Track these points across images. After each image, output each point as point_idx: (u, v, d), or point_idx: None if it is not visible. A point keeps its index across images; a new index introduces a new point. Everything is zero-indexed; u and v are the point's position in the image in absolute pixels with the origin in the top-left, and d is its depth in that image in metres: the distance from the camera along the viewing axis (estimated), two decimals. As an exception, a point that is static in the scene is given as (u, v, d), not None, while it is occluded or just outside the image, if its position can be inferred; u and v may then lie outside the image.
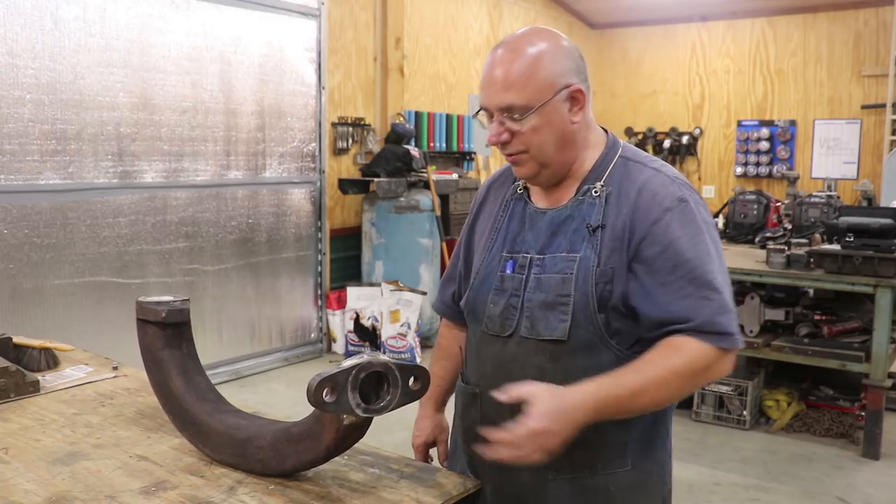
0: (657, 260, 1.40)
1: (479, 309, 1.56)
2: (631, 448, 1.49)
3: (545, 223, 1.51)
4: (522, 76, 1.40)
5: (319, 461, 1.41)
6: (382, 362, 1.34)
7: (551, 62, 1.42)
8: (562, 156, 1.48)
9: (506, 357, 1.52)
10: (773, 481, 3.81)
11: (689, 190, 1.47)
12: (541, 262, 1.48)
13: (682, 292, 1.38)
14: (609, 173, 1.49)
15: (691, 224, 1.42)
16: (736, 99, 8.63)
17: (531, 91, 1.40)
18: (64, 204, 4.35)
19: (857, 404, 4.40)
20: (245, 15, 5.24)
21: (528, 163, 1.47)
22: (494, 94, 1.43)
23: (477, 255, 1.62)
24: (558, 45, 1.44)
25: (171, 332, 1.61)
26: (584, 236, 1.45)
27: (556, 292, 1.45)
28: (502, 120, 1.44)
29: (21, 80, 4.12)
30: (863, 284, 3.95)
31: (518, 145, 1.45)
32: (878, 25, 7.78)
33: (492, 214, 1.62)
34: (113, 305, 4.55)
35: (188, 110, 4.94)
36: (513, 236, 1.55)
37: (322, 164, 5.88)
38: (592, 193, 1.48)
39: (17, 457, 1.52)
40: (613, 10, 8.87)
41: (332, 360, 5.78)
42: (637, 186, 1.45)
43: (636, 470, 1.50)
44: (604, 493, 1.49)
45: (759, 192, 5.43)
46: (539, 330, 1.46)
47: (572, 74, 1.44)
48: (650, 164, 1.50)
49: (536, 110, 1.41)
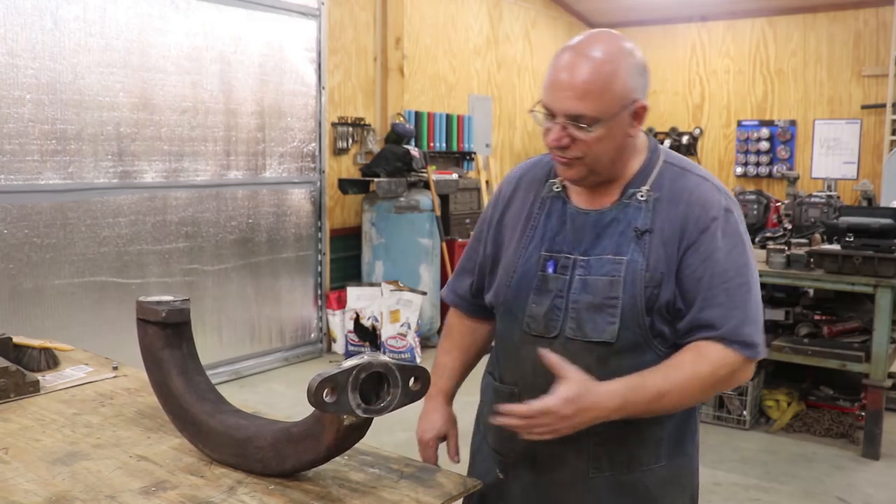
0: (698, 268, 1.44)
1: (518, 308, 1.55)
2: (665, 444, 1.53)
3: (589, 224, 1.51)
4: (598, 88, 1.39)
5: (319, 461, 1.41)
6: (383, 363, 1.34)
7: (627, 77, 1.41)
8: (614, 165, 1.49)
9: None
10: (773, 481, 3.81)
11: (730, 199, 1.51)
12: (585, 264, 1.49)
13: (714, 300, 1.43)
14: (654, 178, 1.50)
15: (733, 235, 1.46)
16: (736, 99, 8.63)
17: (604, 104, 1.40)
18: (64, 204, 4.35)
19: (857, 404, 4.40)
20: (245, 15, 5.24)
21: (579, 168, 1.47)
22: (565, 100, 1.40)
23: (510, 252, 1.59)
24: (633, 60, 1.44)
25: (171, 332, 1.61)
26: (632, 239, 1.46)
27: (603, 294, 1.46)
28: (566, 125, 1.42)
29: (21, 80, 4.12)
30: (863, 284, 3.95)
31: (576, 151, 1.45)
32: (878, 25, 7.78)
33: (524, 210, 1.60)
34: (113, 305, 4.55)
35: (188, 110, 4.94)
36: (552, 235, 1.54)
37: (322, 164, 5.88)
38: (638, 197, 1.49)
39: (17, 457, 1.52)
40: (613, 10, 8.88)
41: (332, 360, 5.78)
42: (687, 193, 1.47)
43: (669, 466, 1.54)
44: (641, 489, 1.52)
45: (759, 192, 5.43)
46: (586, 331, 1.47)
47: (640, 90, 1.45)
48: (695, 170, 1.53)
49: (604, 122, 1.41)
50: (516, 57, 8.21)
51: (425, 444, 1.73)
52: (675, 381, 1.40)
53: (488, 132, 7.87)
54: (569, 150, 1.45)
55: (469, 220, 6.89)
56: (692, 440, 1.60)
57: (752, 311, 1.44)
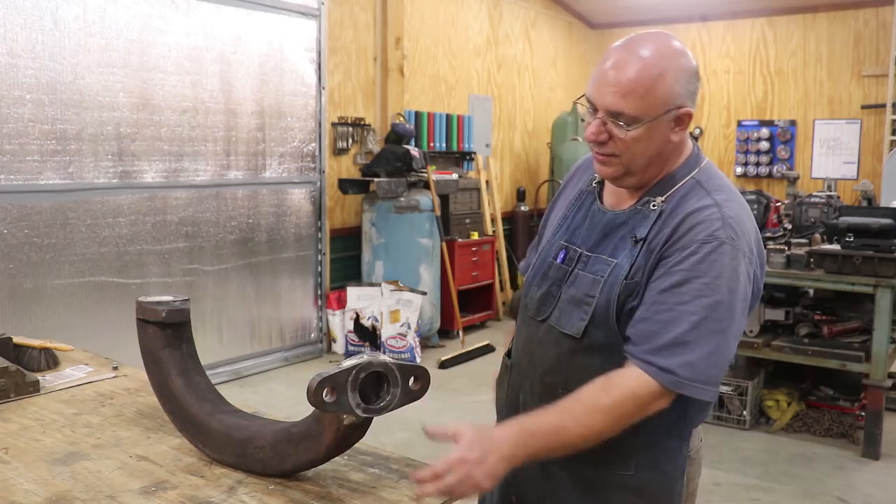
0: (657, 280, 1.41)
1: (528, 289, 1.64)
2: (637, 455, 1.49)
3: (602, 223, 1.54)
4: (641, 88, 1.38)
5: (319, 461, 1.41)
6: (382, 362, 1.34)
7: (673, 81, 1.40)
8: (649, 169, 1.48)
9: (534, 340, 1.59)
10: (773, 481, 3.81)
11: (736, 234, 1.40)
12: (586, 260, 1.53)
13: (655, 316, 1.38)
14: (673, 191, 1.47)
15: (713, 265, 1.37)
16: (736, 99, 8.63)
17: (646, 105, 1.39)
18: (64, 204, 4.35)
19: (857, 404, 4.40)
20: (245, 15, 5.24)
21: (615, 166, 1.47)
22: (608, 95, 1.40)
23: (546, 237, 1.67)
24: (683, 65, 1.42)
25: (171, 332, 1.61)
26: (628, 245, 1.47)
27: (584, 291, 1.50)
28: (606, 121, 1.42)
29: (21, 80, 4.12)
30: (863, 284, 3.95)
31: (613, 148, 1.44)
32: (878, 25, 7.78)
33: (569, 198, 1.66)
34: (113, 305, 4.55)
35: (188, 110, 4.94)
36: (574, 227, 1.59)
37: (322, 164, 5.88)
38: (651, 206, 1.47)
39: (17, 457, 1.52)
40: (613, 10, 8.87)
41: (332, 360, 5.78)
42: (688, 212, 1.42)
43: (639, 477, 1.50)
44: (602, 492, 1.52)
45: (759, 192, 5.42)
46: (563, 322, 1.52)
47: (688, 97, 1.43)
48: (715, 193, 1.45)
49: (644, 123, 1.40)
50: (516, 57, 8.21)
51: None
52: (574, 415, 1.36)
53: (488, 132, 7.87)
54: (606, 147, 1.45)
55: (469, 219, 6.89)
56: (673, 457, 1.53)
57: (697, 343, 1.35)
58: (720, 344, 1.37)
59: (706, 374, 1.36)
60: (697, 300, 1.36)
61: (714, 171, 1.53)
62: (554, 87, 8.83)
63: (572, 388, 1.43)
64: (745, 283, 1.41)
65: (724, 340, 1.37)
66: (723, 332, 1.37)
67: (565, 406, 1.37)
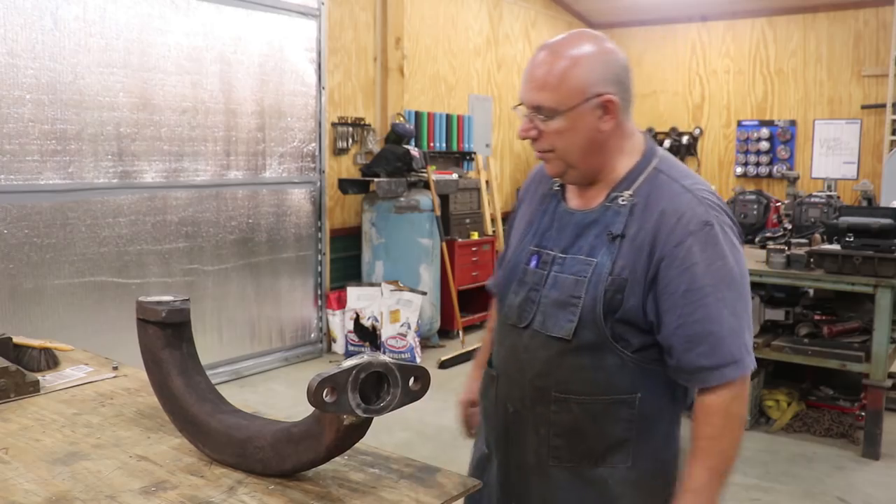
0: (672, 282, 1.44)
1: (503, 297, 1.64)
2: (633, 445, 1.53)
3: (572, 224, 1.56)
4: (554, 79, 1.44)
5: (319, 461, 1.41)
6: (382, 362, 1.34)
7: (588, 70, 1.44)
8: (588, 160, 1.50)
9: (519, 347, 1.59)
10: (773, 481, 3.81)
11: (716, 211, 1.47)
12: (562, 262, 1.54)
13: (689, 318, 1.43)
14: (639, 184, 1.50)
15: (713, 248, 1.43)
16: (736, 99, 8.63)
17: (561, 95, 1.44)
18: (64, 204, 4.35)
19: (857, 404, 4.40)
20: (245, 15, 5.24)
21: (554, 161, 1.52)
22: (528, 92, 1.47)
23: (513, 245, 1.69)
24: (599, 54, 1.46)
25: (171, 332, 1.61)
26: (605, 243, 1.49)
27: (568, 292, 1.50)
28: (531, 117, 1.49)
29: (21, 80, 4.12)
30: (863, 284, 3.95)
31: (544, 144, 1.50)
32: (878, 25, 7.78)
33: (531, 207, 1.68)
34: (113, 305, 4.55)
35: (188, 110, 4.94)
36: (542, 232, 1.61)
37: (322, 164, 5.88)
38: (619, 202, 1.50)
39: (17, 457, 1.52)
40: (613, 10, 8.87)
41: (332, 360, 5.78)
42: (664, 203, 1.46)
43: (637, 468, 1.53)
44: (601, 486, 1.54)
45: (759, 192, 5.43)
46: (549, 326, 1.52)
47: (607, 84, 1.45)
48: (682, 179, 1.51)
49: (562, 114, 1.45)
50: (516, 57, 8.21)
51: (459, 405, 1.90)
52: (714, 449, 1.46)
53: (488, 132, 7.87)
54: (538, 143, 1.51)
55: (469, 219, 6.89)
56: (668, 447, 1.58)
57: (729, 323, 1.43)
58: (747, 312, 1.47)
59: (749, 345, 1.46)
60: (719, 287, 1.42)
61: (672, 159, 1.58)
62: (554, 87, 8.82)
63: (564, 391, 1.51)
64: (740, 250, 1.49)
65: (747, 307, 1.47)
66: (746, 303, 1.46)
67: (700, 452, 1.46)
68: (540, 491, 1.59)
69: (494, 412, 1.67)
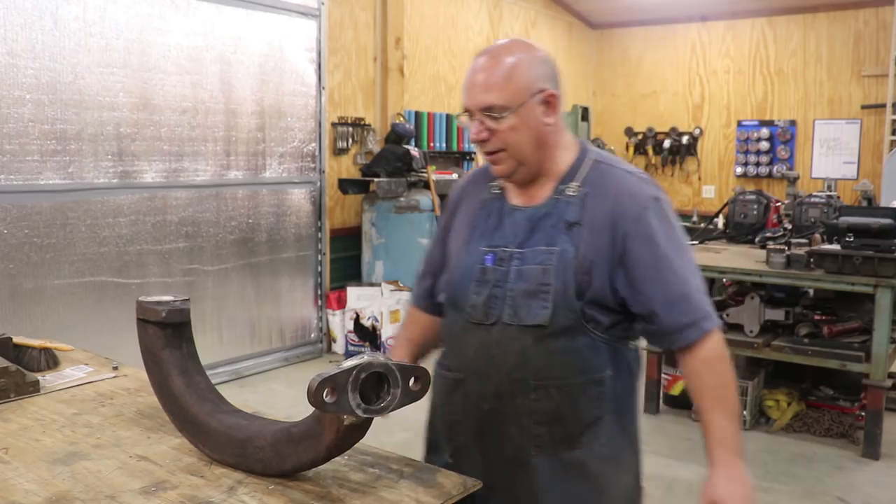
0: (641, 254, 1.56)
1: (461, 298, 1.66)
2: (604, 423, 1.62)
3: (524, 219, 1.64)
4: (501, 79, 1.54)
5: (319, 461, 1.41)
6: (383, 363, 1.34)
7: (528, 68, 1.56)
8: (537, 154, 1.60)
9: (489, 343, 1.62)
10: (773, 481, 3.81)
11: (657, 188, 1.64)
12: (521, 255, 1.61)
13: (663, 282, 1.56)
14: (584, 175, 1.62)
15: (665, 220, 1.60)
16: (736, 99, 8.63)
17: (509, 93, 1.54)
18: (64, 204, 4.35)
19: (857, 404, 4.40)
20: (245, 15, 5.24)
21: (506, 160, 1.60)
22: (476, 95, 1.56)
23: (456, 250, 1.73)
24: (534, 55, 1.59)
25: (171, 332, 1.61)
26: (562, 231, 1.59)
27: (537, 282, 1.57)
28: (483, 119, 1.56)
29: (21, 80, 4.12)
30: (863, 284, 3.95)
31: (497, 143, 1.58)
32: (878, 25, 7.77)
33: (469, 214, 1.74)
34: (113, 305, 4.55)
35: (188, 110, 4.94)
36: (490, 231, 1.67)
37: (322, 164, 5.88)
38: (568, 193, 1.61)
39: (17, 457, 1.52)
40: (613, 10, 8.87)
41: (332, 360, 5.78)
42: (614, 187, 1.60)
43: (610, 445, 1.63)
44: (581, 468, 1.61)
45: (759, 192, 5.42)
46: (521, 316, 1.58)
47: (546, 80, 1.58)
48: (620, 166, 1.66)
49: (514, 111, 1.54)
50: (516, 57, 8.20)
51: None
52: (724, 396, 1.56)
53: (488, 132, 7.86)
54: (490, 143, 1.58)
55: (469, 220, 6.88)
56: (633, 420, 1.70)
57: (696, 283, 1.59)
58: (697, 268, 1.64)
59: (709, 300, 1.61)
60: (679, 250, 1.59)
61: (603, 151, 1.72)
62: (554, 87, 8.82)
63: (543, 377, 1.58)
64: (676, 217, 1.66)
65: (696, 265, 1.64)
66: (696, 266, 1.63)
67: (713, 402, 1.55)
68: (524, 482, 1.62)
69: (465, 414, 1.67)
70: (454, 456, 1.70)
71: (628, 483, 1.70)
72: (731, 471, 1.52)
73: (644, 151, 9.08)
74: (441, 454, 1.74)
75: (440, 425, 1.76)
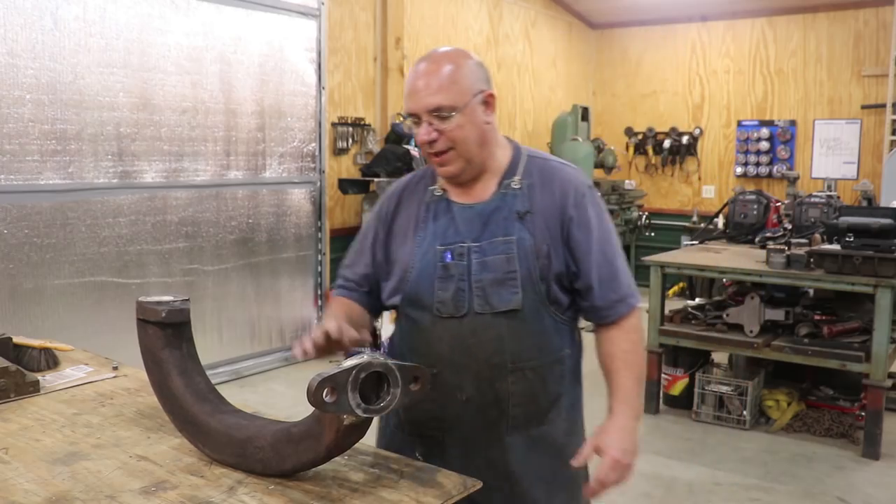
0: (580, 237, 1.71)
1: (425, 297, 1.73)
2: (564, 399, 1.79)
3: (474, 215, 1.73)
4: (447, 81, 1.64)
5: (319, 461, 1.41)
6: (382, 363, 1.34)
7: (468, 71, 1.67)
8: (482, 152, 1.71)
9: (464, 333, 1.70)
10: (773, 481, 3.81)
11: (587, 177, 1.83)
12: (479, 249, 1.70)
13: (598, 263, 1.72)
14: (524, 169, 1.76)
15: (598, 207, 1.77)
16: (736, 99, 8.62)
17: (455, 94, 1.63)
18: (64, 204, 4.35)
19: (857, 404, 4.40)
20: (245, 15, 5.23)
21: (454, 160, 1.69)
22: (424, 98, 1.64)
23: (404, 254, 1.78)
24: (470, 60, 1.70)
25: (171, 332, 1.61)
26: (515, 221, 1.70)
27: (503, 270, 1.68)
28: (431, 121, 1.65)
29: (21, 80, 4.12)
30: (863, 284, 3.95)
31: (446, 142, 1.66)
32: (878, 25, 7.77)
33: (411, 218, 1.80)
34: (113, 305, 4.55)
35: (188, 110, 4.94)
36: (442, 231, 1.74)
37: (322, 164, 5.88)
38: (513, 186, 1.73)
39: (17, 457, 1.52)
40: (613, 10, 8.87)
41: (332, 360, 5.76)
42: (557, 178, 1.75)
43: (568, 418, 1.80)
44: (550, 441, 1.77)
45: (759, 192, 5.42)
46: (494, 304, 1.68)
47: (484, 82, 1.69)
48: (553, 159, 1.83)
49: (460, 110, 1.64)
50: (516, 57, 8.21)
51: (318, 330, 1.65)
52: (634, 362, 1.74)
53: (488, 132, 7.86)
54: (438, 143, 1.66)
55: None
56: (581, 394, 1.88)
57: (623, 264, 1.77)
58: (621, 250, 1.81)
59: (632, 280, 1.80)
60: (609, 235, 1.75)
61: (534, 148, 1.88)
62: (554, 87, 8.83)
63: (518, 359, 1.69)
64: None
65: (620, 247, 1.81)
66: (618, 242, 1.79)
67: (623, 364, 1.71)
68: (500, 461, 1.73)
69: (440, 408, 1.73)
70: (424, 453, 1.74)
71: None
72: (624, 425, 1.65)
73: (644, 151, 9.08)
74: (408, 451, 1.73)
75: (407, 425, 1.80)
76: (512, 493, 1.74)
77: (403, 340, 1.82)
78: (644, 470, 3.93)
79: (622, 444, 1.63)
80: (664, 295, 4.71)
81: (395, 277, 1.79)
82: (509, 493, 1.74)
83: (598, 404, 1.83)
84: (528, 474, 1.74)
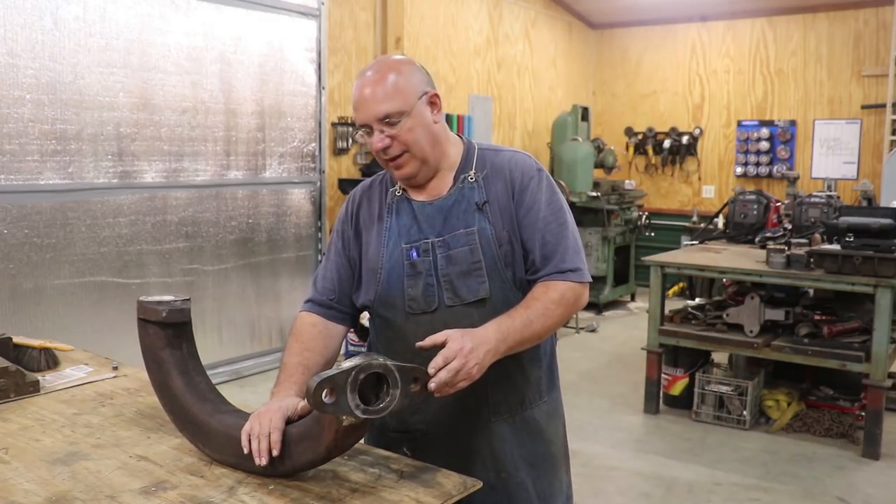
0: (528, 215, 1.75)
1: (396, 295, 1.77)
2: (543, 382, 1.84)
3: (435, 212, 1.78)
4: (391, 88, 1.68)
5: (319, 462, 1.42)
6: (382, 364, 1.34)
7: (409, 75, 1.72)
8: (434, 150, 1.75)
9: (436, 327, 1.67)
10: (773, 481, 3.81)
11: (539, 163, 1.86)
12: (443, 243, 1.74)
13: (544, 240, 1.74)
14: (476, 162, 1.81)
15: (549, 187, 1.80)
16: (736, 99, 8.62)
17: (401, 99, 1.68)
18: (64, 204, 4.35)
19: (857, 404, 4.40)
20: (245, 15, 5.23)
21: (410, 162, 1.73)
22: (373, 107, 1.68)
23: (371, 255, 1.82)
24: (410, 64, 1.75)
25: (171, 332, 1.61)
26: (474, 212, 1.75)
27: (468, 261, 1.72)
28: (382, 128, 1.69)
29: (21, 80, 4.12)
30: (863, 284, 3.95)
31: (399, 147, 1.70)
32: (878, 25, 7.77)
33: (373, 219, 1.84)
34: (113, 305, 4.55)
35: (188, 110, 4.94)
36: (406, 230, 1.78)
37: (322, 164, 5.88)
38: (469, 180, 1.78)
39: (17, 457, 1.52)
40: (613, 10, 8.87)
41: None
42: (507, 166, 1.80)
43: (549, 400, 1.86)
44: (534, 424, 1.82)
45: (759, 192, 5.42)
46: (463, 296, 1.73)
47: (427, 84, 1.74)
48: (504, 149, 1.87)
49: (408, 113, 1.68)
50: (516, 57, 8.21)
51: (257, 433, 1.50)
52: (537, 309, 1.67)
53: (488, 132, 7.86)
54: (392, 148, 1.70)
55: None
56: (558, 376, 1.92)
57: (572, 243, 1.76)
58: (578, 235, 1.82)
59: (585, 261, 1.79)
60: (558, 214, 1.77)
61: (484, 141, 1.94)
62: (554, 87, 8.83)
63: None
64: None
65: (577, 232, 1.82)
66: (576, 229, 1.81)
67: (528, 305, 1.67)
68: (486, 447, 1.77)
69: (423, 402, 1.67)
70: (412, 447, 1.75)
71: (563, 433, 1.94)
72: (484, 335, 1.57)
73: (644, 151, 9.08)
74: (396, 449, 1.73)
75: (391, 423, 1.79)
76: (498, 479, 1.77)
77: (378, 339, 1.88)
78: (644, 470, 3.93)
79: (474, 340, 1.54)
80: (664, 295, 4.71)
81: (365, 279, 1.84)
82: (496, 478, 1.76)
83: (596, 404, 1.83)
84: (513, 459, 1.79)
